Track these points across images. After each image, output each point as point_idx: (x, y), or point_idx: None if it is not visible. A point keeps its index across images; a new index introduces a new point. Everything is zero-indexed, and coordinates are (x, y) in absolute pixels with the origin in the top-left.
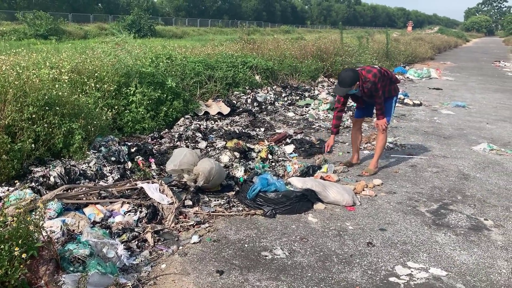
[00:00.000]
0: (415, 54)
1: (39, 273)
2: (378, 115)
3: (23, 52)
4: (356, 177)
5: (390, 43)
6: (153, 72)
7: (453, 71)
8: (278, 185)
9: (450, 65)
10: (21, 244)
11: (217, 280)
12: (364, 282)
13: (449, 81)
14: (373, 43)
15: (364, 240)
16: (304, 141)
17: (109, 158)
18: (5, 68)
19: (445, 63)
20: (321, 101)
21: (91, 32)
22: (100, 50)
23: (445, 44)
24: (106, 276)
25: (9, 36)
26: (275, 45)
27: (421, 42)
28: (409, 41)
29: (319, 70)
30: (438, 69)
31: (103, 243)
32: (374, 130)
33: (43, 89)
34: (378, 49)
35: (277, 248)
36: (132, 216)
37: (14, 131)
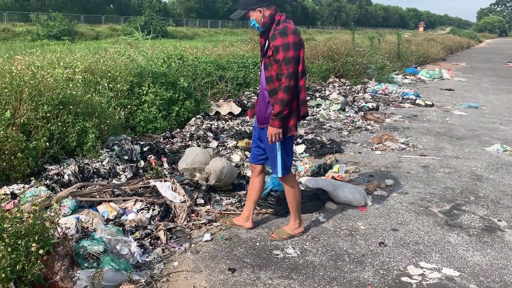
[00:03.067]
0: (426, 55)
1: (54, 269)
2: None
3: (37, 52)
4: (368, 177)
5: (402, 44)
6: (165, 72)
7: (466, 72)
8: None
9: (462, 66)
10: (38, 240)
11: (229, 278)
12: (376, 281)
13: (462, 82)
14: (384, 43)
15: (376, 240)
16: (315, 141)
17: (122, 157)
18: (20, 67)
19: (457, 64)
20: (332, 101)
21: (103, 33)
22: (113, 50)
23: (457, 45)
24: (119, 272)
25: (24, 37)
26: None
27: (433, 43)
28: (420, 42)
29: (330, 71)
30: (450, 70)
31: (116, 240)
32: (386, 130)
33: (58, 88)
34: (389, 50)
35: (289, 247)
36: (145, 214)
37: (29, 129)
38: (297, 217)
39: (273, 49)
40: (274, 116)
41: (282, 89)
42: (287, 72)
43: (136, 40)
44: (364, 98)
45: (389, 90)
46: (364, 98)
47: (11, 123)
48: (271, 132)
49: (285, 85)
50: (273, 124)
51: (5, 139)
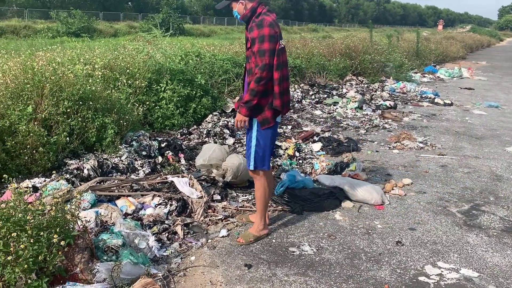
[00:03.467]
0: (446, 53)
1: (74, 261)
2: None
3: (58, 48)
4: (385, 176)
5: (421, 42)
6: (183, 69)
7: (486, 70)
8: (306, 182)
9: (482, 65)
10: (59, 232)
11: (245, 274)
12: (393, 280)
13: (482, 81)
14: (402, 41)
15: (393, 239)
16: (332, 139)
17: (140, 152)
18: (42, 63)
19: (477, 63)
20: (349, 99)
21: (121, 30)
22: (132, 47)
23: (477, 43)
24: (138, 266)
25: (46, 34)
26: (303, 43)
27: (453, 41)
28: (439, 40)
29: (347, 69)
30: (470, 69)
31: (135, 234)
32: (404, 129)
33: (78, 84)
34: (408, 48)
35: (305, 244)
36: (162, 209)
37: (50, 124)
38: (262, 218)
39: (250, 41)
40: (242, 103)
41: (254, 79)
42: (261, 63)
43: (154, 37)
44: (382, 97)
45: (407, 88)
46: (382, 96)
47: (32, 118)
48: (237, 119)
49: (257, 76)
50: (240, 111)
51: (27, 134)
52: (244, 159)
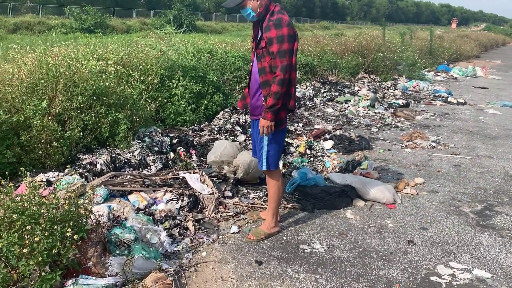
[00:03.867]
0: (459, 52)
1: (87, 254)
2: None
3: (72, 44)
4: (397, 174)
5: (434, 40)
6: (195, 66)
7: (501, 70)
8: (317, 179)
9: (497, 64)
10: (72, 226)
11: (256, 270)
12: (405, 280)
13: (496, 80)
14: (416, 40)
15: (404, 238)
16: (344, 137)
17: (152, 148)
18: (56, 59)
19: (492, 62)
20: (361, 97)
21: (134, 27)
22: (144, 44)
23: (492, 42)
24: (149, 260)
25: (60, 30)
26: (315, 40)
27: (467, 39)
28: (453, 39)
29: (360, 66)
30: (484, 68)
31: (147, 229)
32: (417, 128)
33: (91, 80)
34: (421, 46)
35: (316, 242)
36: (174, 205)
37: (64, 119)
38: (274, 215)
39: (267, 40)
40: (267, 108)
41: (276, 82)
42: (282, 64)
43: (167, 34)
44: (394, 95)
45: (420, 87)
46: (394, 94)
47: (47, 113)
48: (264, 125)
49: (279, 78)
50: (265, 116)
51: (41, 128)
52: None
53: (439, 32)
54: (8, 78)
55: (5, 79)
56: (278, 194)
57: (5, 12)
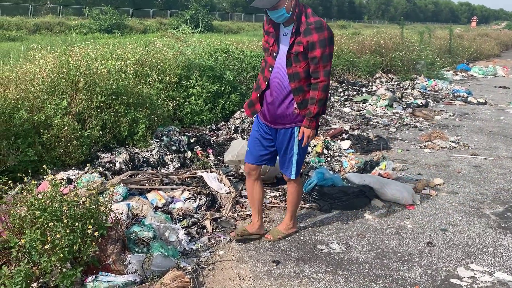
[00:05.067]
0: (479, 51)
1: (107, 252)
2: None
3: (91, 44)
4: (416, 175)
5: (453, 39)
6: (212, 66)
7: None
8: (334, 179)
9: None
10: (93, 223)
11: (273, 270)
12: (424, 281)
13: None
14: (434, 38)
15: (424, 240)
16: (361, 137)
17: (170, 147)
18: (76, 59)
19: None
20: (379, 97)
21: (151, 27)
22: (162, 44)
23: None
24: (168, 258)
25: (78, 30)
26: None
27: (487, 38)
28: (473, 37)
29: (377, 66)
30: (505, 67)
31: (165, 227)
32: (436, 128)
33: (111, 79)
34: (440, 45)
35: (333, 242)
36: (192, 203)
37: (83, 118)
38: (293, 217)
39: (307, 45)
40: (312, 117)
41: (321, 88)
42: (325, 70)
43: (184, 34)
44: (413, 95)
45: (439, 86)
46: (413, 94)
47: (67, 112)
48: (308, 134)
49: (324, 84)
50: (310, 125)
51: (62, 127)
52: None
53: (458, 31)
54: (30, 77)
55: (27, 78)
56: (299, 199)
57: (26, 13)
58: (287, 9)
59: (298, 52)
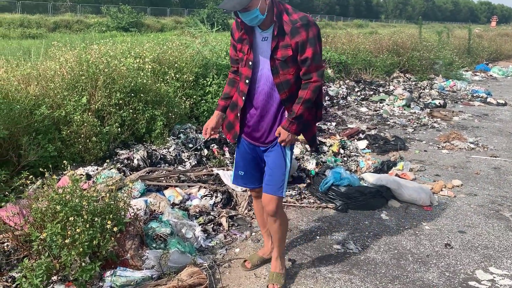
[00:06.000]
0: (499, 51)
1: (125, 247)
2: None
3: (110, 42)
4: (434, 176)
5: (473, 39)
6: (228, 64)
7: None
8: (351, 179)
9: None
10: (112, 218)
11: (289, 268)
12: (442, 283)
13: None
14: (453, 38)
15: (441, 241)
16: (378, 137)
17: (187, 144)
18: (95, 56)
19: None
20: (396, 97)
21: (168, 25)
22: (179, 42)
23: None
24: (185, 255)
25: (98, 28)
26: (349, 38)
27: (507, 38)
28: (493, 37)
29: (395, 65)
30: None
31: (182, 224)
32: (454, 129)
33: (129, 77)
34: (458, 45)
35: (350, 242)
36: (208, 200)
37: (102, 115)
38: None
39: (296, 46)
40: (293, 118)
41: (312, 88)
42: (318, 70)
43: (201, 33)
44: (431, 95)
45: (457, 87)
46: (431, 94)
47: (87, 108)
48: (284, 138)
49: (317, 85)
50: (289, 128)
51: (81, 124)
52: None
53: (478, 30)
54: (50, 74)
55: (48, 75)
56: (287, 227)
57: (45, 11)
58: (261, 10)
59: (287, 57)
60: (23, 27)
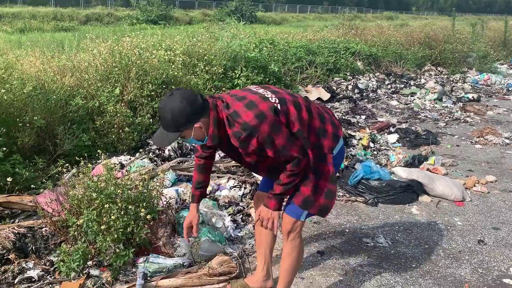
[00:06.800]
0: None
1: (158, 235)
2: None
3: (140, 35)
4: (467, 171)
5: (509, 31)
6: (257, 57)
7: None
8: (382, 173)
9: None
10: (145, 206)
11: (318, 260)
12: (474, 280)
13: None
14: (488, 30)
15: (474, 237)
16: (410, 131)
17: None
18: (128, 48)
19: None
20: (428, 90)
21: (196, 18)
22: (208, 35)
23: None
24: (215, 243)
25: (128, 21)
26: (379, 31)
27: None
28: None
29: (426, 58)
30: None
31: (212, 213)
32: (488, 124)
33: (161, 68)
34: (493, 38)
35: (380, 236)
36: (237, 191)
37: (135, 106)
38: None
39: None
40: (274, 194)
41: (287, 174)
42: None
43: (229, 25)
44: (464, 89)
45: (491, 80)
46: (464, 88)
47: (119, 99)
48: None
49: (292, 173)
50: (267, 203)
51: (115, 114)
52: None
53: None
54: (84, 66)
55: (82, 67)
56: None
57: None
58: (198, 137)
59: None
60: (56, 20)
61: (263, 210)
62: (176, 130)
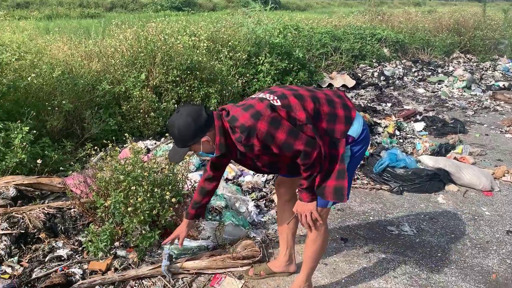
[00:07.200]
0: None
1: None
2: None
3: (165, 21)
4: (496, 161)
5: None
6: (281, 43)
7: None
8: (408, 161)
9: None
10: (170, 190)
11: (341, 247)
12: (502, 270)
13: None
14: None
15: (502, 228)
16: (436, 119)
17: None
18: (153, 34)
19: None
20: (456, 78)
21: (219, 5)
22: (233, 21)
23: None
24: (238, 228)
25: (152, 7)
26: (406, 17)
27: None
28: None
29: (455, 45)
30: None
31: (236, 198)
32: None
33: (185, 54)
34: None
35: (404, 224)
36: (260, 177)
37: (160, 91)
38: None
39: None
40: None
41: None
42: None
43: (253, 11)
44: (494, 77)
45: None
46: (494, 76)
47: (145, 85)
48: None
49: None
50: (300, 197)
51: (140, 99)
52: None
53: None
54: (110, 51)
55: (108, 52)
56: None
57: None
58: (207, 149)
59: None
60: (82, 7)
61: (298, 205)
62: (185, 146)
